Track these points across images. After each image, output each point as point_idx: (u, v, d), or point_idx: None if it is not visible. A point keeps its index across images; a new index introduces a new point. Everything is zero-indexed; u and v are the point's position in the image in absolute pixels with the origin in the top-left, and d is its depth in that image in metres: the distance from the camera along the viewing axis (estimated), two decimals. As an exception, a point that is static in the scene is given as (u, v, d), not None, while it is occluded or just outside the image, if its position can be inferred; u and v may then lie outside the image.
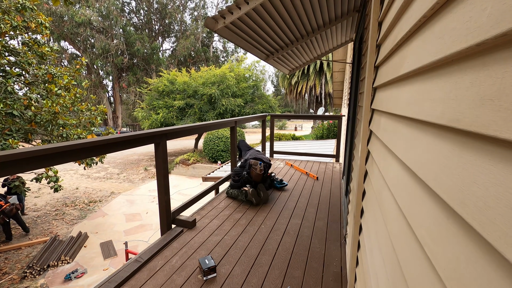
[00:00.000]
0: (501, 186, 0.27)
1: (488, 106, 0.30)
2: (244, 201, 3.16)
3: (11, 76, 5.04)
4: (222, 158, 12.26)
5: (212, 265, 1.82)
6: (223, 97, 13.17)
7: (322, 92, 19.56)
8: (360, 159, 1.36)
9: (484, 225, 0.29)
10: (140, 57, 26.99)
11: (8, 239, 5.90)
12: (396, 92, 0.80)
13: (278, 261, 2.02)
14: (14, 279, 4.62)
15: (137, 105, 16.58)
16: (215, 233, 2.46)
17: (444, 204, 0.41)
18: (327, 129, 15.32)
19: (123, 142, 1.90)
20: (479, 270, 0.30)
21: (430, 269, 0.43)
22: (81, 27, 23.27)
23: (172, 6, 28.76)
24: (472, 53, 0.35)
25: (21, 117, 5.03)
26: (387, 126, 0.88)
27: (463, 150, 0.37)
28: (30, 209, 7.64)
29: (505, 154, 0.28)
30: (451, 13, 0.42)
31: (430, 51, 0.50)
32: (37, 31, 5.64)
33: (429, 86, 0.51)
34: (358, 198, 1.40)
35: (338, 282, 1.79)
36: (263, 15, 2.37)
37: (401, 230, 0.61)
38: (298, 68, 5.11)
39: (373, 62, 1.26)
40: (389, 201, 0.76)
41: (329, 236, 2.41)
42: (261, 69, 15.77)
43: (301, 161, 5.50)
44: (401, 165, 0.67)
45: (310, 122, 33.72)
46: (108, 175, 11.78)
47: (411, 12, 0.63)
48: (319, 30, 3.18)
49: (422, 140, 0.53)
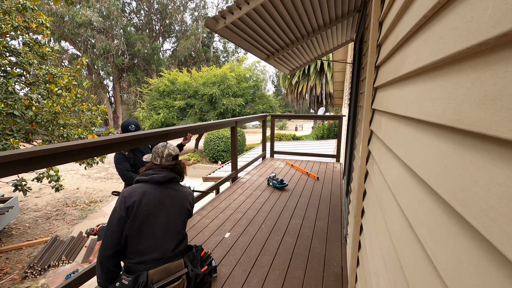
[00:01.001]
0: (503, 186, 0.27)
1: (489, 106, 0.30)
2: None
3: (12, 76, 5.04)
4: (223, 158, 12.26)
5: (213, 265, 1.82)
6: (224, 97, 13.18)
7: (322, 92, 19.55)
8: (361, 159, 1.36)
9: (485, 225, 0.29)
10: (140, 58, 27.02)
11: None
12: (397, 92, 0.80)
13: (279, 261, 2.02)
14: (15, 279, 4.63)
15: (138, 105, 16.60)
16: (215, 233, 2.46)
17: (445, 204, 0.41)
18: (327, 129, 15.31)
19: (124, 142, 1.90)
20: (480, 270, 0.30)
21: (431, 269, 0.43)
22: (82, 28, 23.30)
23: (173, 6, 28.78)
24: (474, 53, 0.35)
25: (22, 117, 5.03)
26: (388, 126, 0.88)
27: (464, 150, 0.37)
28: (31, 209, 7.65)
29: (507, 154, 0.28)
30: (452, 13, 0.42)
31: (431, 51, 0.50)
32: (38, 31, 5.65)
33: (430, 86, 0.51)
34: (358, 198, 1.40)
35: (339, 282, 1.79)
36: (264, 15, 2.37)
37: (402, 230, 0.61)
38: (299, 68, 5.11)
39: (374, 62, 1.26)
40: (390, 201, 0.76)
41: (329, 236, 2.41)
42: (261, 69, 15.75)
43: (301, 161, 5.50)
44: (402, 165, 0.67)
45: (310, 122, 33.70)
46: (108, 175, 11.79)
47: (412, 12, 0.63)
48: (319, 30, 3.18)
49: (423, 140, 0.53)
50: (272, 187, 3.78)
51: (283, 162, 5.41)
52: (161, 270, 1.25)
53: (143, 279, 1.20)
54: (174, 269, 1.29)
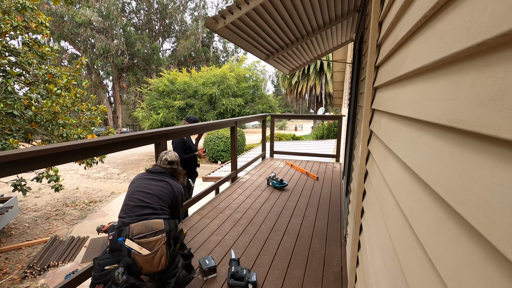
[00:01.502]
0: (502, 186, 0.27)
1: (489, 106, 0.30)
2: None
3: (11, 76, 5.04)
4: (223, 158, 12.26)
5: (213, 265, 1.82)
6: (224, 97, 13.18)
7: (322, 92, 19.56)
8: (361, 159, 1.36)
9: (485, 225, 0.29)
10: (140, 57, 27.00)
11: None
12: (396, 92, 0.80)
13: (279, 261, 2.02)
14: (15, 279, 4.62)
15: (138, 105, 16.60)
16: (215, 233, 2.46)
17: (445, 204, 0.41)
18: (327, 129, 15.32)
19: (123, 142, 1.90)
20: (480, 270, 0.30)
21: (431, 269, 0.43)
22: (81, 27, 23.28)
23: (172, 6, 28.77)
24: (473, 53, 0.35)
25: (21, 117, 5.03)
26: (388, 126, 0.88)
27: (464, 150, 0.37)
28: (31, 209, 7.64)
29: (506, 154, 0.28)
30: (452, 13, 0.42)
31: (430, 51, 0.50)
32: (38, 31, 5.64)
33: (429, 86, 0.51)
34: (358, 198, 1.40)
35: (339, 282, 1.79)
36: (263, 15, 2.37)
37: (402, 230, 0.61)
38: (298, 68, 5.11)
39: (374, 62, 1.26)
40: (390, 201, 0.76)
41: (329, 236, 2.41)
42: (261, 69, 15.80)
43: (301, 161, 5.50)
44: (402, 165, 0.67)
45: (310, 122, 33.71)
46: (108, 175, 11.78)
47: (411, 12, 0.63)
48: (319, 30, 3.18)
49: (423, 140, 0.53)
50: (271, 187, 3.78)
51: (282, 162, 5.41)
52: (141, 224, 1.46)
53: (125, 233, 1.42)
54: (153, 226, 1.49)
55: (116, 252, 1.43)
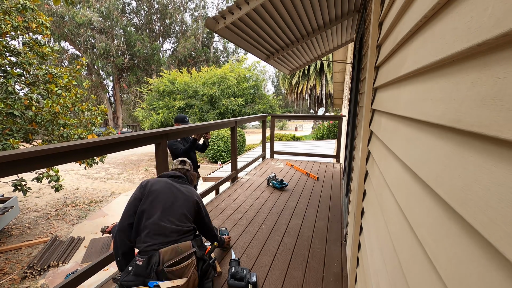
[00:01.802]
0: (502, 186, 0.27)
1: (489, 106, 0.30)
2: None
3: (12, 76, 5.04)
4: (223, 159, 12.26)
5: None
6: (224, 97, 13.18)
7: (322, 92, 19.56)
8: (361, 160, 1.36)
9: (485, 225, 0.29)
10: (140, 58, 27.02)
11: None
12: (396, 93, 0.80)
13: (279, 262, 2.02)
14: (15, 279, 4.62)
15: (138, 105, 16.59)
16: (215, 233, 2.46)
17: (445, 204, 0.41)
18: (327, 130, 15.33)
19: (123, 142, 1.90)
20: (480, 270, 0.30)
21: (431, 269, 0.43)
22: (82, 28, 23.30)
23: (173, 6, 28.78)
24: (474, 53, 0.35)
25: (21, 117, 5.03)
26: (388, 126, 0.88)
27: (464, 150, 0.37)
28: (31, 209, 7.64)
29: (506, 154, 0.28)
30: (452, 13, 0.42)
31: (431, 51, 0.50)
32: (38, 31, 5.65)
33: (430, 86, 0.51)
34: (358, 199, 1.40)
35: (339, 283, 1.79)
36: (264, 16, 2.37)
37: (402, 230, 0.61)
38: (299, 68, 5.11)
39: (374, 63, 1.26)
40: (390, 201, 0.76)
41: (329, 236, 2.41)
42: (261, 69, 15.81)
43: (301, 161, 5.50)
44: (402, 165, 0.67)
45: (310, 123, 33.70)
46: (108, 176, 11.78)
47: (411, 12, 0.63)
48: (319, 31, 3.18)
49: (423, 140, 0.53)
50: (272, 187, 3.78)
51: (283, 162, 5.41)
52: (171, 250, 1.40)
53: (155, 260, 1.36)
54: (183, 249, 1.43)
55: (141, 277, 1.35)
